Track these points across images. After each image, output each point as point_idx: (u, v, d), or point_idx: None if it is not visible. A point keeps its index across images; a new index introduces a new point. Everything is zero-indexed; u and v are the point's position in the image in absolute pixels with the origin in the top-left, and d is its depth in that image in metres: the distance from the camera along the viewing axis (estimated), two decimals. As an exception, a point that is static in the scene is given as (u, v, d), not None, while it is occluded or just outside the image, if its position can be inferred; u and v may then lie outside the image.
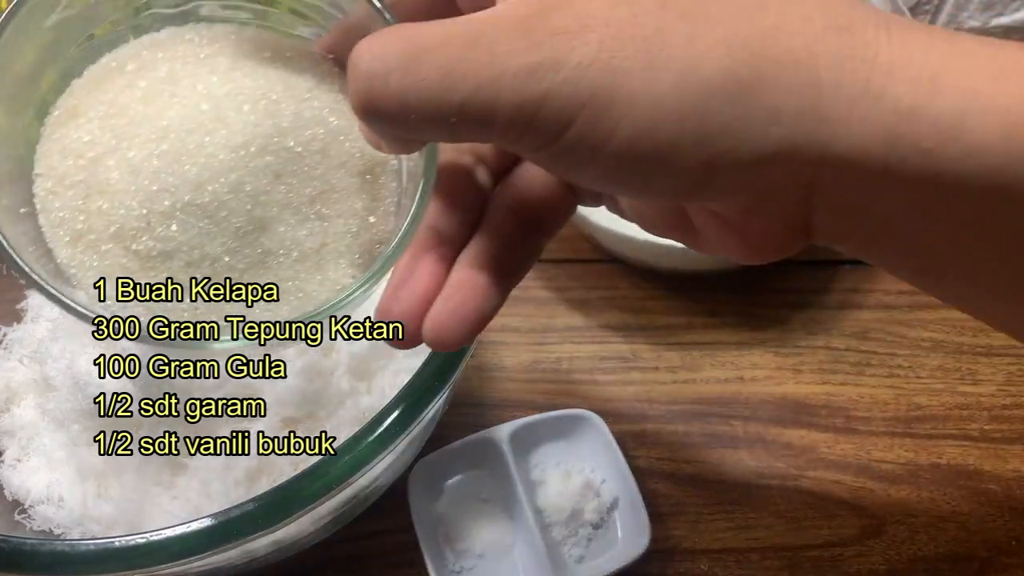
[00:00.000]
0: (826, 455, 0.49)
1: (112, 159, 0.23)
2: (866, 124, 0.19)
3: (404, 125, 0.20)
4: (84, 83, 0.24)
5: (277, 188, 0.23)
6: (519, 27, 0.19)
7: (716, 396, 0.51)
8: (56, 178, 0.23)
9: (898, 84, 0.19)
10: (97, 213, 0.23)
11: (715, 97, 0.19)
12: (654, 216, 0.26)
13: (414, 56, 0.20)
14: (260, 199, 0.23)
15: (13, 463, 0.44)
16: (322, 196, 0.24)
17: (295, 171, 0.24)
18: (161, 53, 0.24)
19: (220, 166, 0.23)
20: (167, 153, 0.22)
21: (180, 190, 0.22)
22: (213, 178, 0.22)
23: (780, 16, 0.20)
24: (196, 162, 0.22)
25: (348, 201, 0.25)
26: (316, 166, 0.24)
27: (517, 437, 0.45)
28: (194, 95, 0.23)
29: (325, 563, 0.45)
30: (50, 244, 0.23)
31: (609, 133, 0.19)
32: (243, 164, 0.23)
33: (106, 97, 0.23)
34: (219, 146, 0.23)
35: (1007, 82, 0.19)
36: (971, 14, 0.70)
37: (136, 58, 0.24)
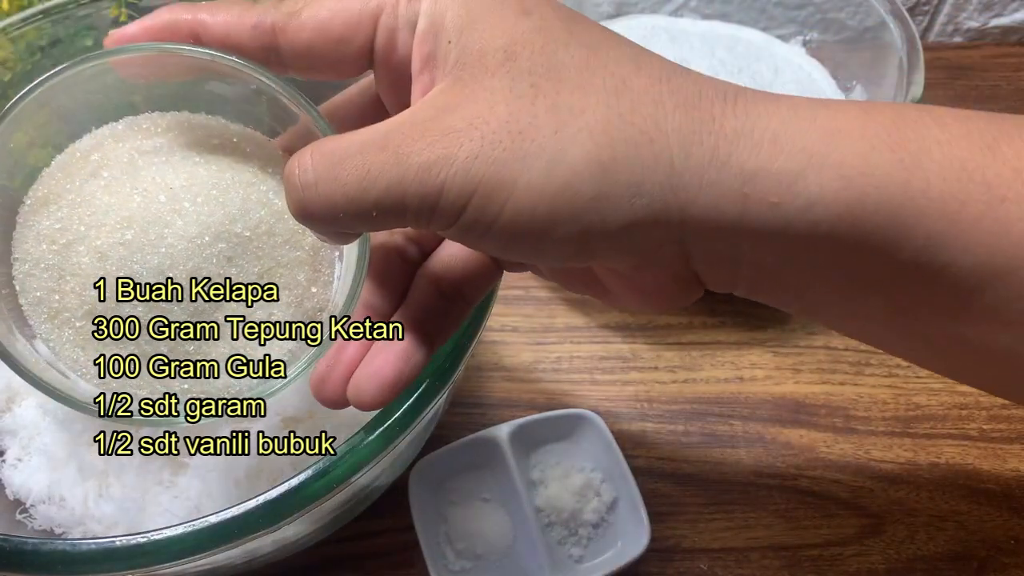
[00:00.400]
0: (825, 455, 0.49)
1: (82, 245, 0.25)
2: (716, 187, 0.22)
3: (335, 223, 0.23)
4: (52, 172, 0.26)
5: (229, 271, 0.27)
6: (419, 129, 0.23)
7: (715, 396, 0.51)
8: (32, 261, 0.26)
9: (742, 150, 0.22)
10: (71, 293, 0.25)
11: (580, 177, 0.22)
12: (569, 279, 0.29)
13: (336, 164, 0.23)
14: (215, 283, 0.26)
15: (14, 463, 0.44)
16: (269, 272, 0.27)
17: (244, 253, 0.27)
18: (121, 144, 0.27)
19: (179, 255, 0.26)
20: (131, 243, 0.25)
21: (144, 276, 0.25)
22: (173, 266, 0.26)
23: (633, 102, 0.22)
24: (157, 252, 0.25)
25: (293, 274, 0.28)
26: (263, 246, 0.27)
27: (517, 437, 0.46)
28: (153, 187, 0.26)
29: (325, 563, 0.45)
30: (30, 320, 0.26)
31: (496, 215, 0.22)
32: (199, 253, 0.26)
33: (73, 186, 0.26)
34: (177, 236, 0.26)
35: (842, 139, 0.22)
36: (969, 15, 0.71)
37: (99, 148, 0.27)
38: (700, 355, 0.53)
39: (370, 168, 0.23)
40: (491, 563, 0.44)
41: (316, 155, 0.23)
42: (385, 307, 0.28)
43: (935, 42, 0.72)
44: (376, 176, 0.22)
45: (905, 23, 0.51)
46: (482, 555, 0.44)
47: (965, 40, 0.72)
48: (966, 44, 0.72)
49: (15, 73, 0.47)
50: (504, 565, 0.44)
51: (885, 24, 0.52)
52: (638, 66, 0.23)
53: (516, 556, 0.44)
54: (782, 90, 0.57)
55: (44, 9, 0.47)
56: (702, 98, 0.23)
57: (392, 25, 0.25)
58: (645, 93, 0.23)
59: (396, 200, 0.23)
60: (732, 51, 0.59)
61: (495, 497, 0.46)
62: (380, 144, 0.23)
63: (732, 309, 0.55)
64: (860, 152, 0.22)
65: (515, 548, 0.44)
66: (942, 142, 0.22)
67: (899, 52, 0.50)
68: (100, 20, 0.48)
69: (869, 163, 0.22)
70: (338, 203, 0.23)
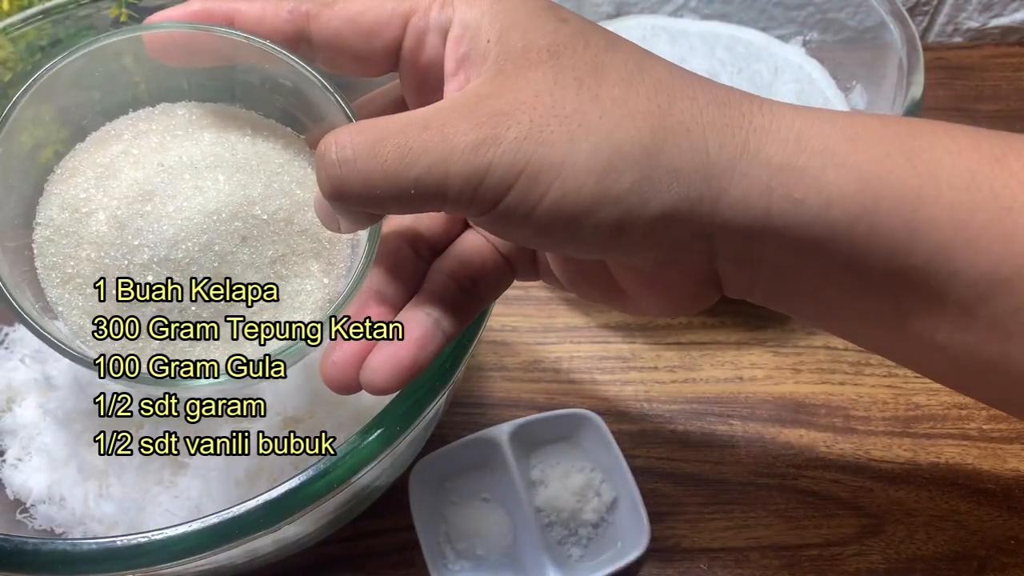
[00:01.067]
0: (825, 454, 0.49)
1: (103, 214, 0.26)
2: (747, 178, 0.23)
3: (369, 202, 0.24)
4: (85, 146, 0.27)
5: (242, 249, 0.27)
6: (464, 112, 0.23)
7: (715, 396, 0.51)
8: (53, 227, 0.26)
9: (769, 145, 0.23)
10: (85, 260, 0.26)
11: (625, 160, 0.23)
12: (586, 285, 0.30)
13: (376, 141, 0.23)
14: (227, 258, 0.27)
15: (15, 462, 0.44)
16: (283, 258, 0.27)
17: (259, 236, 0.27)
18: (155, 125, 0.28)
19: (194, 228, 0.26)
20: (150, 214, 0.26)
21: (158, 246, 0.26)
22: (187, 238, 0.26)
23: (670, 96, 0.24)
24: (173, 223, 0.26)
25: (306, 264, 0.28)
26: (279, 232, 0.27)
27: (517, 436, 0.46)
28: (178, 165, 0.27)
29: (325, 563, 0.45)
30: (43, 284, 0.26)
31: (540, 197, 0.23)
32: (214, 227, 0.26)
33: (103, 160, 0.27)
34: (194, 211, 0.26)
35: (860, 144, 0.23)
36: (969, 15, 0.71)
37: (133, 128, 0.28)
38: (700, 355, 0.53)
39: (413, 146, 0.23)
40: (491, 563, 0.44)
41: (355, 133, 0.23)
42: (395, 296, 0.28)
43: (935, 42, 0.72)
44: (419, 154, 0.23)
45: (905, 23, 0.51)
46: (482, 555, 0.44)
47: (965, 40, 0.72)
48: (966, 44, 0.72)
49: (15, 73, 0.48)
50: (504, 565, 0.44)
51: (885, 24, 0.52)
52: (670, 71, 0.25)
53: (516, 556, 0.44)
54: (782, 90, 0.57)
55: (44, 9, 0.47)
56: (731, 98, 0.24)
57: (422, 27, 0.26)
58: (681, 91, 0.24)
59: (438, 179, 0.23)
60: (732, 51, 0.59)
61: (495, 497, 0.46)
62: (422, 124, 0.23)
63: (732, 309, 0.55)
64: (877, 157, 0.23)
65: (515, 548, 0.44)
66: (953, 152, 0.23)
67: (899, 52, 0.50)
68: (100, 20, 0.48)
69: (885, 167, 0.23)
70: (376, 180, 0.23)
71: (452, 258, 0.28)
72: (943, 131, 0.24)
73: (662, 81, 0.24)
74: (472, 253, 0.29)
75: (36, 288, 0.26)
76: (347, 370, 0.26)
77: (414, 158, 0.23)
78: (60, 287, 0.26)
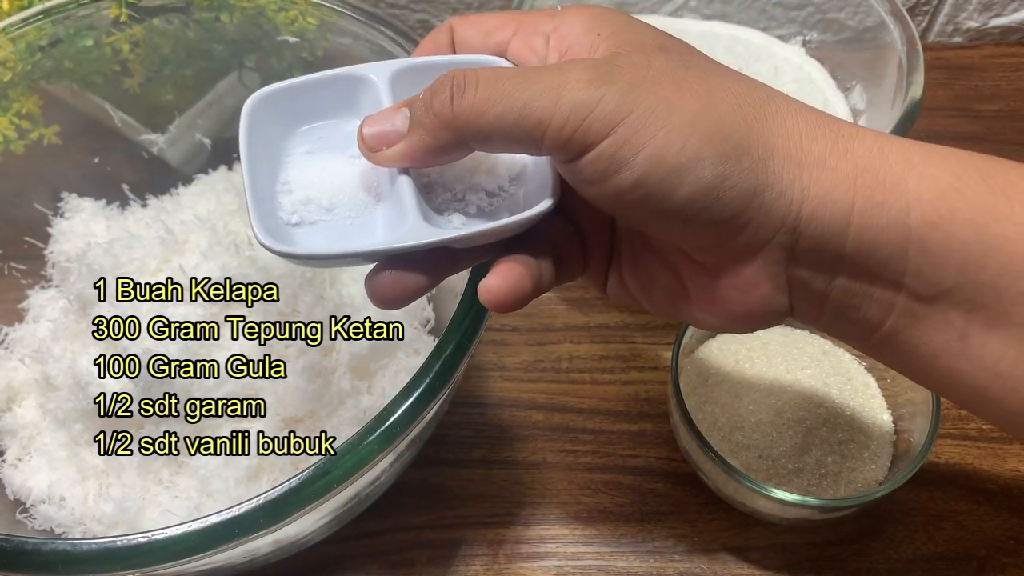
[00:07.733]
0: (825, 455, 0.49)
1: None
2: (836, 173, 0.25)
3: (473, 122, 0.25)
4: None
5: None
6: (580, 62, 0.25)
7: (715, 396, 0.51)
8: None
9: (857, 147, 0.25)
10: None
11: (729, 128, 0.24)
12: (654, 288, 0.30)
13: (494, 75, 0.25)
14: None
15: (14, 463, 0.44)
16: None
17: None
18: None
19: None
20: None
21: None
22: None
23: (768, 93, 0.26)
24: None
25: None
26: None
27: (401, 80, 0.32)
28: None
29: (325, 563, 0.45)
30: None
31: (645, 142, 0.24)
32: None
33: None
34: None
35: (937, 159, 0.25)
36: (969, 15, 0.71)
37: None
38: (700, 355, 0.53)
39: (530, 76, 0.25)
40: (341, 219, 0.31)
41: (470, 72, 0.26)
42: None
43: (935, 42, 0.72)
44: (534, 80, 0.25)
45: (905, 23, 0.51)
46: (331, 209, 0.31)
47: (965, 40, 0.72)
48: (966, 44, 0.72)
49: (15, 73, 0.48)
50: (358, 223, 0.31)
51: (885, 24, 0.52)
52: (758, 79, 0.27)
53: (378, 216, 0.31)
54: (782, 90, 0.56)
55: (44, 9, 0.47)
56: (819, 110, 0.27)
57: (530, 31, 0.29)
58: (777, 92, 0.27)
59: (548, 104, 0.24)
60: (732, 51, 0.59)
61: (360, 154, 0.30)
62: (540, 68, 0.26)
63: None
64: (954, 172, 0.25)
65: (379, 208, 0.31)
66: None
67: (899, 52, 0.50)
68: (100, 20, 0.48)
69: (962, 181, 0.24)
70: (495, 100, 0.25)
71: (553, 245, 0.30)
72: (1013, 162, 0.25)
73: (756, 82, 0.27)
74: (559, 232, 0.30)
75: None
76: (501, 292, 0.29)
77: (529, 83, 0.25)
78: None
